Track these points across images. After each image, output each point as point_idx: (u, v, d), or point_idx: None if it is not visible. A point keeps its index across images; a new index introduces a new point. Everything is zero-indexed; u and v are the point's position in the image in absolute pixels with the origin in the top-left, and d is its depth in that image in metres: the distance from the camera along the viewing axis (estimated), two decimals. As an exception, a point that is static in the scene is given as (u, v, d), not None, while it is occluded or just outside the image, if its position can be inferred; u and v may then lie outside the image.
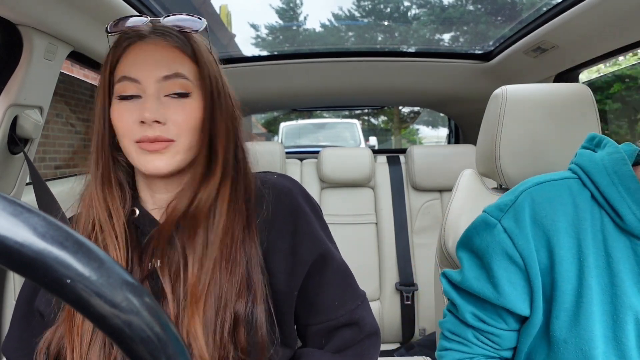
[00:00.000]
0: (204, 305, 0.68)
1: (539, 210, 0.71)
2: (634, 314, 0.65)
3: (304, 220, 0.79)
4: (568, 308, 0.68)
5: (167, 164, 0.72)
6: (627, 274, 0.65)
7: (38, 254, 0.22)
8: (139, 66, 0.71)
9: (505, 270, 0.72)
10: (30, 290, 0.79)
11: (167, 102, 0.72)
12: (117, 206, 0.74)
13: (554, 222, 0.70)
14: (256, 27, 4.37)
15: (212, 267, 0.70)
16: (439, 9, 4.01)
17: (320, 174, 2.25)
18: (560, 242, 0.69)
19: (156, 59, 0.72)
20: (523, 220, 0.71)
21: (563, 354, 0.68)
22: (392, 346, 2.17)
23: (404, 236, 2.20)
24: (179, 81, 0.72)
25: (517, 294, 0.72)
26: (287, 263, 0.77)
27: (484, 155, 1.11)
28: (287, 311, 0.78)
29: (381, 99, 2.75)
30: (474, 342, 0.78)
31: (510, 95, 1.05)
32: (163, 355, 0.25)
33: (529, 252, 0.70)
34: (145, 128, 0.70)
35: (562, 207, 0.71)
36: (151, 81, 0.71)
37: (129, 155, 0.73)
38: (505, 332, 0.76)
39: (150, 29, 0.74)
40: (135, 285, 0.25)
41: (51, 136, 4.63)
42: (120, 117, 0.72)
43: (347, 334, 0.80)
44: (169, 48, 0.73)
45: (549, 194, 0.72)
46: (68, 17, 1.09)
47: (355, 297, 0.82)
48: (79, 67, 4.56)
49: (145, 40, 0.73)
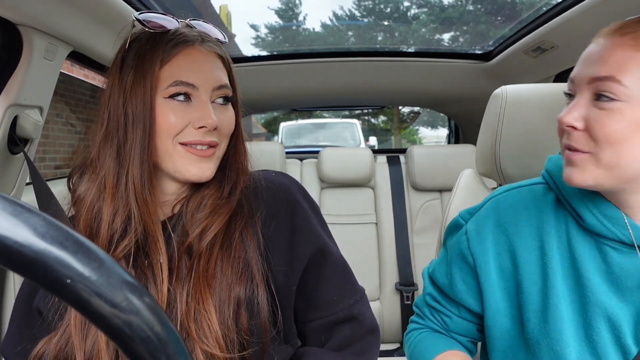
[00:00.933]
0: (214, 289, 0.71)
1: (503, 216, 0.75)
2: (604, 311, 0.66)
3: (301, 216, 0.80)
4: (536, 309, 0.70)
5: (212, 170, 0.75)
6: (593, 273, 0.67)
7: (38, 254, 0.22)
8: (197, 72, 0.73)
9: (460, 269, 0.79)
10: (29, 290, 0.79)
11: (215, 108, 0.75)
12: (156, 209, 0.73)
13: (516, 227, 0.73)
14: (256, 27, 4.38)
15: (217, 253, 0.73)
16: (438, 9, 4.01)
17: (320, 174, 2.25)
18: (523, 245, 0.72)
19: (210, 67, 0.75)
20: (484, 225, 0.76)
21: (538, 355, 0.70)
22: (392, 346, 2.17)
23: (404, 236, 2.20)
24: (226, 91, 0.76)
25: (469, 292, 0.78)
26: (286, 258, 0.78)
27: (484, 155, 1.11)
28: (287, 306, 0.79)
29: (381, 99, 2.75)
30: (428, 317, 0.87)
31: (510, 95, 1.06)
32: (163, 355, 0.25)
33: (481, 255, 0.75)
34: (203, 133, 0.72)
35: (525, 212, 0.74)
36: (207, 89, 0.73)
37: (168, 157, 0.72)
38: (456, 317, 0.82)
39: (197, 35, 0.76)
40: (135, 285, 0.25)
41: (51, 136, 4.63)
42: (169, 118, 0.71)
43: (347, 331, 0.81)
44: (217, 57, 0.77)
45: (513, 200, 0.76)
46: (68, 17, 1.09)
47: (354, 292, 0.83)
48: (79, 67, 4.56)
49: (195, 46, 0.75)
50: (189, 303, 0.70)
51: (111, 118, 0.73)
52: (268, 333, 0.73)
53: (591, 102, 0.63)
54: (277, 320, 0.76)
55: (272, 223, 0.78)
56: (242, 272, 0.73)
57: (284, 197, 0.80)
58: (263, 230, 0.77)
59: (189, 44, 0.74)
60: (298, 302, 0.81)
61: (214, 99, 0.75)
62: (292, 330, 0.81)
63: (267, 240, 0.77)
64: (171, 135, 0.72)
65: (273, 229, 0.78)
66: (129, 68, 0.72)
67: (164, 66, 0.72)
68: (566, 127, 0.65)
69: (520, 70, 1.87)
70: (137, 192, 0.71)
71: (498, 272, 0.74)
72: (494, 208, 0.77)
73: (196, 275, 0.71)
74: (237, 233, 0.75)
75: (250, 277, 0.73)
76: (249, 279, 0.73)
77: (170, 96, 0.72)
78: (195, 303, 0.69)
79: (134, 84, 0.71)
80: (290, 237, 0.78)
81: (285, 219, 0.79)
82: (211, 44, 0.77)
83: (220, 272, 0.72)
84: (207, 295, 0.70)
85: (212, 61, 0.76)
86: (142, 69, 0.71)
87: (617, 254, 0.66)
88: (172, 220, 0.76)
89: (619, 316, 0.65)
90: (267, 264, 0.76)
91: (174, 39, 0.73)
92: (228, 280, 0.72)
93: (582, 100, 0.64)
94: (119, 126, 0.72)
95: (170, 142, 0.72)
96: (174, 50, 0.72)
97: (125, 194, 0.71)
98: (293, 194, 0.82)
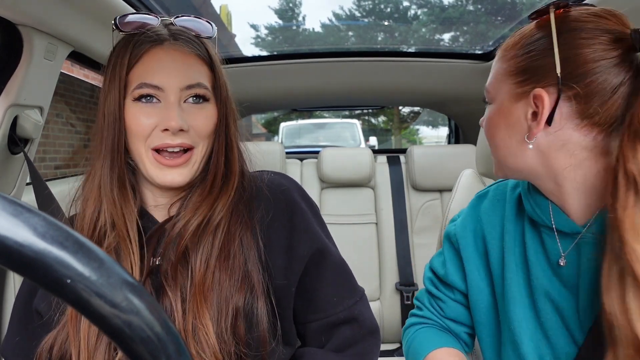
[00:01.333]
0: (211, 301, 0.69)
1: (482, 207, 0.83)
2: (547, 294, 0.71)
3: (300, 217, 0.80)
4: (499, 292, 0.78)
5: (185, 178, 0.72)
6: (536, 257, 0.73)
7: (38, 254, 0.22)
8: (162, 73, 0.71)
9: (449, 252, 0.86)
10: (28, 291, 0.79)
11: (187, 108, 0.72)
12: (132, 209, 0.73)
13: (488, 216, 0.82)
14: (256, 27, 4.38)
15: (215, 264, 0.71)
16: (438, 9, 4.01)
17: (321, 174, 2.25)
18: (492, 233, 0.80)
19: (178, 67, 0.72)
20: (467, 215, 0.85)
21: (505, 335, 0.77)
22: (392, 346, 2.17)
23: (404, 236, 2.20)
24: (200, 90, 0.73)
25: (457, 274, 0.85)
26: (285, 259, 0.77)
27: (484, 155, 1.11)
28: (286, 307, 0.78)
29: (381, 99, 2.75)
30: (426, 306, 0.90)
31: (510, 95, 1.05)
32: (163, 355, 0.25)
33: (462, 239, 0.83)
34: (168, 135, 0.70)
35: (498, 204, 0.82)
36: (174, 89, 0.71)
37: (141, 162, 0.72)
38: (451, 301, 0.86)
39: (168, 32, 0.74)
40: (135, 285, 0.25)
41: (51, 136, 4.63)
42: (137, 121, 0.71)
43: (347, 332, 0.80)
44: (190, 55, 0.74)
45: (494, 193, 0.84)
46: (68, 17, 1.09)
47: (354, 293, 0.83)
48: (79, 67, 4.56)
49: (165, 44, 0.73)
50: (186, 317, 0.69)
51: (96, 121, 0.75)
52: (267, 345, 0.72)
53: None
54: (276, 332, 0.75)
55: (271, 224, 0.78)
56: (242, 282, 0.72)
57: (283, 199, 0.80)
58: (262, 232, 0.77)
59: (156, 44, 0.72)
60: (298, 303, 0.80)
61: (186, 99, 0.72)
62: (291, 331, 0.81)
63: (266, 241, 0.77)
64: (142, 139, 0.71)
65: (272, 230, 0.77)
66: (107, 72, 0.73)
67: (132, 68, 0.72)
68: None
69: (520, 70, 1.87)
70: (107, 193, 0.72)
71: (476, 255, 0.81)
72: (478, 197, 0.86)
73: (192, 290, 0.70)
74: (236, 242, 0.74)
75: (250, 287, 0.72)
76: (249, 289, 0.72)
77: (137, 98, 0.71)
78: (193, 317, 0.68)
79: (109, 87, 0.72)
80: (289, 238, 0.78)
81: (284, 220, 0.78)
82: (184, 42, 0.73)
83: (218, 283, 0.70)
84: (204, 310, 0.68)
85: (182, 60, 0.72)
86: (113, 73, 0.72)
87: (550, 240, 0.72)
88: (169, 223, 0.75)
89: (561, 300, 0.70)
90: (267, 271, 0.75)
91: (140, 40, 0.72)
92: (226, 291, 0.70)
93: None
94: (98, 129, 0.74)
95: (143, 147, 0.71)
96: (140, 51, 0.72)
97: (99, 195, 0.73)
98: (292, 195, 0.81)
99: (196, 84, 0.72)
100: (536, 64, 0.65)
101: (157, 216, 0.77)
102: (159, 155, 0.71)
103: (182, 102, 0.72)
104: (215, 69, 0.76)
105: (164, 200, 0.77)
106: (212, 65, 0.76)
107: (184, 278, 0.71)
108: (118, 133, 0.72)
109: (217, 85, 0.76)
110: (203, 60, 0.75)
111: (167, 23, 0.76)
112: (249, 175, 0.82)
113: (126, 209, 0.72)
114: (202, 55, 0.75)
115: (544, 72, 0.64)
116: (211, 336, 0.67)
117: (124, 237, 0.71)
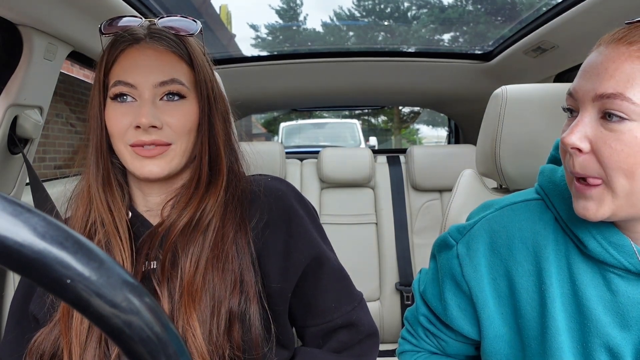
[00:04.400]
0: (200, 304, 0.69)
1: (496, 238, 0.69)
2: (605, 342, 0.61)
3: (297, 223, 0.79)
4: (536, 336, 0.65)
5: (163, 169, 0.72)
6: (597, 302, 0.62)
7: (38, 254, 0.22)
8: (135, 71, 0.71)
9: (454, 295, 0.72)
10: (24, 296, 0.79)
11: (163, 105, 0.72)
12: (119, 207, 0.74)
13: (510, 251, 0.68)
14: (256, 27, 4.38)
15: (206, 266, 0.71)
16: (438, 9, 4.01)
17: (320, 174, 2.25)
18: (519, 271, 0.67)
19: (152, 64, 0.72)
20: (476, 250, 0.70)
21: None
22: (392, 346, 2.17)
23: (404, 236, 2.20)
24: (174, 86, 0.72)
25: (466, 319, 0.72)
26: (281, 265, 0.77)
27: (484, 155, 1.11)
28: (282, 312, 0.78)
29: (381, 99, 2.75)
30: (423, 338, 0.81)
31: (510, 95, 1.06)
32: (163, 355, 0.25)
33: (476, 282, 0.69)
34: (141, 132, 0.70)
35: (519, 234, 0.68)
36: (147, 86, 0.71)
37: (123, 159, 0.73)
38: (452, 340, 0.77)
39: (145, 32, 0.74)
40: (135, 285, 0.25)
41: (51, 136, 4.63)
42: (114, 120, 0.72)
43: (345, 336, 0.80)
44: (164, 53, 0.73)
45: (506, 221, 0.69)
46: (68, 17, 1.09)
47: (352, 299, 0.82)
48: (79, 67, 4.55)
49: (141, 44, 0.73)
50: (174, 317, 0.69)
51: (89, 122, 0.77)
52: (260, 349, 0.72)
53: (597, 121, 0.56)
54: (270, 336, 0.75)
55: (266, 230, 0.77)
56: (235, 284, 0.72)
57: (280, 204, 0.79)
58: (257, 237, 0.76)
59: (130, 44, 0.73)
60: (296, 309, 0.80)
61: (161, 97, 0.72)
62: (287, 335, 0.80)
63: (261, 246, 0.76)
64: (120, 137, 0.72)
65: (268, 236, 0.77)
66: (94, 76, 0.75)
67: (110, 70, 0.73)
68: (570, 149, 0.57)
69: (520, 70, 1.87)
70: (95, 192, 0.74)
71: (495, 297, 0.69)
72: (486, 230, 0.70)
73: (180, 291, 0.70)
74: (227, 244, 0.73)
75: (243, 290, 0.72)
76: (242, 292, 0.72)
77: (113, 97, 0.72)
78: (181, 319, 0.68)
79: (93, 91, 0.74)
80: (285, 244, 0.77)
81: (280, 226, 0.78)
82: (157, 40, 0.73)
83: (210, 284, 0.70)
84: (192, 311, 0.68)
85: (156, 57, 0.73)
86: (96, 76, 0.74)
87: (623, 282, 0.61)
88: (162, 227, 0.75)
89: (621, 347, 0.61)
90: (261, 275, 0.75)
91: (117, 41, 0.74)
92: (219, 292, 0.70)
93: (586, 119, 0.57)
94: (87, 132, 0.77)
95: (122, 144, 0.72)
96: (115, 51, 0.73)
97: (89, 195, 0.75)
98: (289, 200, 0.80)
99: (169, 80, 0.72)
100: None
101: (152, 221, 0.77)
102: (136, 148, 0.72)
103: (157, 100, 0.72)
104: (195, 66, 0.75)
105: (155, 202, 0.77)
106: (191, 62, 0.75)
107: (174, 279, 0.71)
108: (100, 133, 0.74)
109: (198, 82, 0.75)
110: (180, 57, 0.74)
111: (151, 24, 0.76)
112: (244, 177, 0.81)
113: (114, 206, 0.74)
114: (178, 53, 0.74)
115: None
116: (198, 337, 0.67)
117: (114, 233, 0.72)
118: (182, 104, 0.73)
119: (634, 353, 0.61)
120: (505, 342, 0.69)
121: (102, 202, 0.73)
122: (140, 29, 0.74)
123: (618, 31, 0.57)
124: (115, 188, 0.75)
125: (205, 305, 0.69)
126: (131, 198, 0.79)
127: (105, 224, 0.72)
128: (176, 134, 0.72)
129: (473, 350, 0.80)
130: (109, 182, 0.75)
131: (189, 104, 0.74)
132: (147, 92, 0.71)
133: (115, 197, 0.74)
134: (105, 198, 0.74)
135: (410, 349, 0.83)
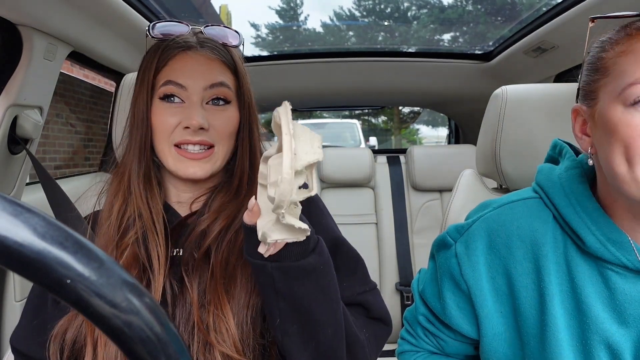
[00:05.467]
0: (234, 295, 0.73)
1: (494, 237, 0.69)
2: (604, 339, 0.61)
3: (317, 211, 0.84)
4: (535, 334, 0.65)
5: (206, 172, 0.77)
6: (595, 299, 0.62)
7: (38, 254, 0.22)
8: (187, 74, 0.76)
9: (453, 294, 0.73)
10: None
11: (209, 109, 0.77)
12: (157, 202, 0.78)
13: (509, 249, 0.68)
14: (256, 27, 4.38)
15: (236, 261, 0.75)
16: (438, 9, 4.01)
17: (321, 174, 2.25)
18: (518, 269, 0.67)
19: (203, 69, 0.77)
20: (474, 248, 0.70)
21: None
22: (393, 346, 2.16)
23: (404, 236, 2.20)
24: (222, 89, 0.77)
25: (465, 318, 0.73)
26: None
27: (484, 155, 1.11)
28: None
29: (381, 99, 2.75)
30: (422, 338, 0.82)
31: (510, 95, 1.06)
32: (163, 355, 0.25)
33: (475, 280, 0.69)
34: (189, 133, 0.74)
35: (517, 232, 0.68)
36: (197, 89, 0.76)
37: (164, 158, 0.77)
38: (451, 340, 0.78)
39: (196, 40, 0.79)
40: (135, 286, 0.25)
41: (51, 136, 4.63)
42: (162, 119, 0.76)
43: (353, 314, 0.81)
44: (214, 60, 0.79)
45: (504, 219, 0.70)
46: (68, 17, 1.09)
47: (365, 283, 0.84)
48: (79, 67, 4.56)
49: (192, 50, 0.78)
50: (206, 306, 0.72)
51: (127, 122, 0.81)
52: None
53: None
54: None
55: None
56: None
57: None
58: None
59: (183, 49, 0.77)
60: None
61: (208, 101, 0.77)
62: None
63: None
64: (165, 136, 0.76)
65: None
66: (138, 76, 0.79)
67: (160, 71, 0.77)
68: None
69: (520, 70, 1.87)
70: (135, 188, 0.77)
71: (494, 296, 0.69)
72: (485, 229, 0.71)
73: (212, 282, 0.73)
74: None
75: None
76: None
77: (163, 97, 0.76)
78: (214, 307, 0.72)
79: (139, 89, 0.78)
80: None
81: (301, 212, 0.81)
82: (209, 49, 0.79)
83: (240, 277, 0.74)
84: (225, 301, 0.72)
85: (207, 63, 0.78)
86: (143, 76, 0.78)
87: (620, 280, 0.61)
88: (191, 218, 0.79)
89: (620, 344, 0.61)
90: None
91: (170, 46, 0.78)
92: (248, 287, 0.74)
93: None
94: (128, 129, 0.80)
95: (166, 144, 0.76)
96: (168, 56, 0.77)
97: (128, 190, 0.78)
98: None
99: (219, 83, 0.77)
100: None
101: (180, 211, 0.81)
102: (180, 149, 0.76)
103: (204, 103, 0.76)
104: (240, 75, 0.81)
105: (186, 197, 0.82)
106: (236, 71, 0.81)
107: (205, 271, 0.75)
108: (145, 131, 0.77)
109: (240, 90, 0.81)
110: (227, 66, 0.80)
111: (197, 31, 0.81)
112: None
113: (152, 202, 0.77)
114: (226, 62, 0.80)
115: None
116: (231, 326, 0.71)
117: (151, 228, 0.75)
118: (226, 109, 0.78)
119: (633, 349, 0.61)
120: (504, 340, 0.69)
121: (141, 198, 0.77)
122: (191, 37, 0.79)
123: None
124: (155, 185, 0.79)
125: (234, 295, 0.73)
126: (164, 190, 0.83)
127: (144, 218, 0.75)
128: (220, 136, 0.77)
129: (472, 349, 0.80)
130: (149, 178, 0.78)
131: (232, 109, 0.79)
132: (196, 95, 0.75)
133: (154, 192, 0.78)
134: (145, 194, 0.77)
135: (410, 348, 0.84)
